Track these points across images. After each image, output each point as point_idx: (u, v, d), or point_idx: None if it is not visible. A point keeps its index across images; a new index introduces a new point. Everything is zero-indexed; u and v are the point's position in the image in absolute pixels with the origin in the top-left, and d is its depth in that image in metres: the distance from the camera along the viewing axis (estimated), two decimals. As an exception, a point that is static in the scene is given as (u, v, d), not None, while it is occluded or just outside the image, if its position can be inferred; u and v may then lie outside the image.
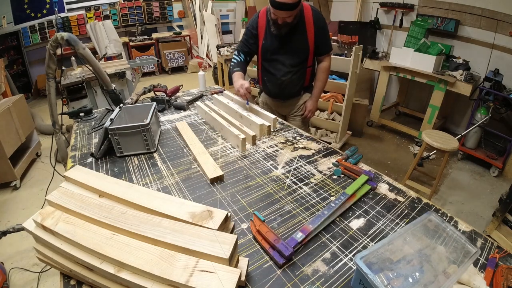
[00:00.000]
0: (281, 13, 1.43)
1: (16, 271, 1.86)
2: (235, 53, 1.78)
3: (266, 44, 1.67)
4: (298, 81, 1.74)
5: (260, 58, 1.77)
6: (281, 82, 1.72)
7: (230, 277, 0.57)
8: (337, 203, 0.91)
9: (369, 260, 0.64)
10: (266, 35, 1.65)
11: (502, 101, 2.67)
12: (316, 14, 1.59)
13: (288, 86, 1.74)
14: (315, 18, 1.58)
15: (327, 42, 1.70)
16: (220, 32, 6.58)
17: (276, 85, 1.75)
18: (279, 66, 1.69)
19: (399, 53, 3.28)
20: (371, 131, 3.76)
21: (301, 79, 1.74)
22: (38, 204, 2.45)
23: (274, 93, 1.82)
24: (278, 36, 1.59)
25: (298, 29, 1.58)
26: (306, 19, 1.57)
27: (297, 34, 1.60)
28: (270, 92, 1.85)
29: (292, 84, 1.74)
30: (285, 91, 1.77)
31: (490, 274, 0.71)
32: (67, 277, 0.73)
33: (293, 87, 1.76)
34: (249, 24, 1.71)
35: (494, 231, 2.01)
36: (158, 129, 1.51)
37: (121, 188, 0.80)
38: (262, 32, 1.66)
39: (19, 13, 4.86)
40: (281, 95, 1.81)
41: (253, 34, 1.69)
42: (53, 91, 1.55)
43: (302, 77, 1.74)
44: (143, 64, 4.50)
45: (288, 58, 1.66)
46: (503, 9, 2.95)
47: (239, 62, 1.74)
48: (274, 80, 1.74)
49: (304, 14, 1.57)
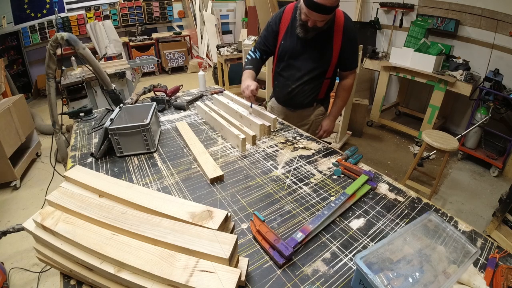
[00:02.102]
0: (315, 15, 1.26)
1: (16, 271, 1.86)
2: (252, 49, 1.63)
3: (285, 45, 1.50)
4: (311, 92, 1.57)
5: (276, 59, 1.61)
6: (292, 90, 1.57)
7: (230, 277, 0.57)
8: (337, 203, 0.91)
9: (369, 260, 0.64)
10: (287, 35, 1.49)
11: (502, 101, 2.67)
12: (348, 24, 1.42)
13: (298, 95, 1.58)
14: (346, 28, 1.41)
15: (353, 57, 1.54)
16: (220, 32, 6.58)
17: (286, 92, 1.60)
18: (293, 72, 1.53)
19: (399, 53, 3.28)
20: (371, 131, 3.76)
21: (315, 91, 1.57)
22: (38, 204, 2.45)
23: (283, 100, 1.69)
24: (301, 39, 1.43)
25: (324, 36, 1.42)
26: (336, 27, 1.40)
27: (322, 41, 1.43)
28: (279, 99, 1.71)
29: (302, 94, 1.57)
30: (295, 100, 1.61)
31: (490, 274, 0.71)
32: (67, 277, 0.73)
33: (303, 97, 1.59)
34: (272, 18, 1.54)
35: (494, 231, 2.01)
36: (158, 129, 1.51)
37: (121, 188, 0.80)
38: (283, 30, 1.50)
39: (19, 13, 4.86)
40: (289, 103, 1.66)
41: (273, 30, 1.53)
42: (53, 91, 1.55)
43: (316, 88, 1.57)
44: (143, 64, 4.51)
45: (306, 66, 1.49)
46: (503, 9, 2.95)
47: (253, 60, 1.58)
48: (285, 86, 1.59)
49: (335, 21, 1.40)
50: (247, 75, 1.51)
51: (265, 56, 1.62)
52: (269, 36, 1.56)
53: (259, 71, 1.60)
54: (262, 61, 1.62)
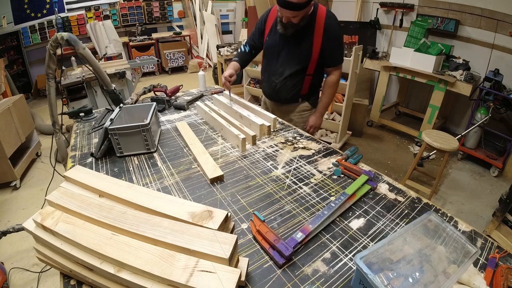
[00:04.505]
0: (286, 12, 1.36)
1: (16, 271, 1.86)
2: (243, 43, 1.75)
3: (269, 41, 1.62)
4: (292, 87, 1.65)
5: (263, 55, 1.73)
6: (275, 84, 1.67)
7: (230, 277, 0.57)
8: (337, 203, 0.91)
9: (369, 260, 0.64)
10: (271, 32, 1.59)
11: (502, 101, 2.67)
12: (330, 21, 1.46)
13: (281, 90, 1.67)
14: (326, 25, 1.45)
15: (335, 54, 1.57)
16: (220, 32, 6.58)
17: (271, 87, 1.71)
18: (276, 68, 1.63)
19: (399, 53, 3.28)
20: (371, 131, 3.76)
21: (296, 86, 1.65)
22: (38, 204, 2.45)
23: (269, 94, 1.79)
24: (282, 35, 1.52)
25: (305, 33, 1.48)
26: (316, 24, 1.46)
27: (302, 38, 1.50)
28: (266, 93, 1.82)
29: (285, 88, 1.66)
30: (279, 95, 1.71)
31: (490, 274, 0.71)
32: (67, 277, 0.73)
33: (286, 92, 1.67)
34: (260, 18, 1.67)
35: (494, 231, 2.01)
36: (158, 129, 1.51)
37: (121, 188, 0.80)
38: (268, 28, 1.61)
39: (19, 13, 4.86)
40: (275, 97, 1.76)
41: (260, 28, 1.65)
42: (53, 91, 1.55)
43: (298, 84, 1.64)
44: (143, 64, 4.50)
45: (287, 61, 1.58)
46: (503, 9, 2.95)
47: (242, 53, 1.72)
48: (269, 82, 1.70)
49: (316, 19, 1.45)
50: (230, 66, 1.64)
51: (254, 51, 1.74)
52: (256, 33, 1.68)
53: (245, 64, 1.74)
54: (251, 55, 1.75)
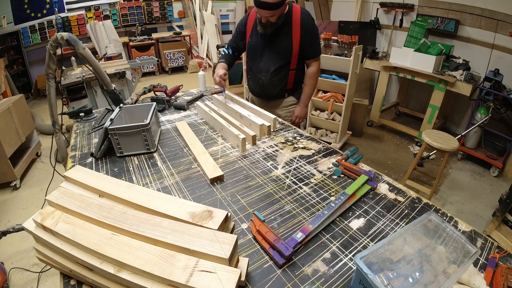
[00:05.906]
0: (264, 12, 1.44)
1: (16, 271, 1.86)
2: (225, 47, 1.83)
3: (251, 42, 1.70)
4: (278, 82, 1.73)
5: (246, 56, 1.80)
6: (262, 82, 1.74)
7: (230, 277, 0.57)
8: (337, 203, 0.91)
9: (369, 260, 0.64)
10: (253, 33, 1.68)
11: (502, 101, 2.67)
12: (305, 17, 1.56)
13: (268, 86, 1.75)
14: (302, 21, 1.55)
15: (313, 47, 1.67)
16: (220, 32, 6.58)
17: (258, 85, 1.78)
18: (261, 66, 1.70)
19: (399, 53, 3.28)
20: (371, 131, 3.76)
21: (282, 81, 1.73)
22: (38, 204, 2.45)
23: (256, 92, 1.86)
24: (263, 35, 1.61)
25: (283, 31, 1.58)
26: (293, 21, 1.55)
27: (282, 35, 1.59)
28: (253, 91, 1.88)
29: (271, 85, 1.73)
30: (266, 91, 1.78)
31: (490, 274, 0.71)
32: (67, 277, 0.73)
33: (273, 88, 1.75)
34: (240, 21, 1.76)
35: (494, 231, 2.01)
36: (158, 129, 1.51)
37: (121, 188, 0.80)
38: (249, 30, 1.69)
39: (19, 13, 4.86)
40: (263, 95, 1.83)
41: (241, 31, 1.73)
42: (53, 91, 1.55)
43: (283, 79, 1.72)
44: (143, 64, 4.50)
45: (271, 59, 1.66)
46: (503, 9, 2.95)
47: (225, 55, 1.78)
48: (255, 80, 1.77)
49: (292, 16, 1.55)
50: (218, 66, 1.69)
51: (236, 53, 1.82)
52: (238, 36, 1.76)
53: (231, 64, 1.80)
54: (234, 57, 1.82)
